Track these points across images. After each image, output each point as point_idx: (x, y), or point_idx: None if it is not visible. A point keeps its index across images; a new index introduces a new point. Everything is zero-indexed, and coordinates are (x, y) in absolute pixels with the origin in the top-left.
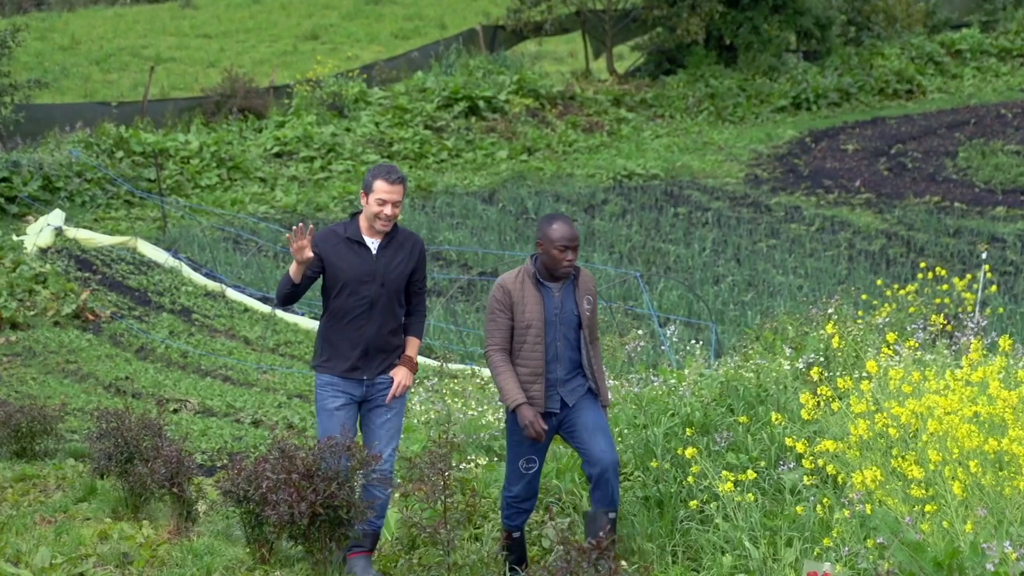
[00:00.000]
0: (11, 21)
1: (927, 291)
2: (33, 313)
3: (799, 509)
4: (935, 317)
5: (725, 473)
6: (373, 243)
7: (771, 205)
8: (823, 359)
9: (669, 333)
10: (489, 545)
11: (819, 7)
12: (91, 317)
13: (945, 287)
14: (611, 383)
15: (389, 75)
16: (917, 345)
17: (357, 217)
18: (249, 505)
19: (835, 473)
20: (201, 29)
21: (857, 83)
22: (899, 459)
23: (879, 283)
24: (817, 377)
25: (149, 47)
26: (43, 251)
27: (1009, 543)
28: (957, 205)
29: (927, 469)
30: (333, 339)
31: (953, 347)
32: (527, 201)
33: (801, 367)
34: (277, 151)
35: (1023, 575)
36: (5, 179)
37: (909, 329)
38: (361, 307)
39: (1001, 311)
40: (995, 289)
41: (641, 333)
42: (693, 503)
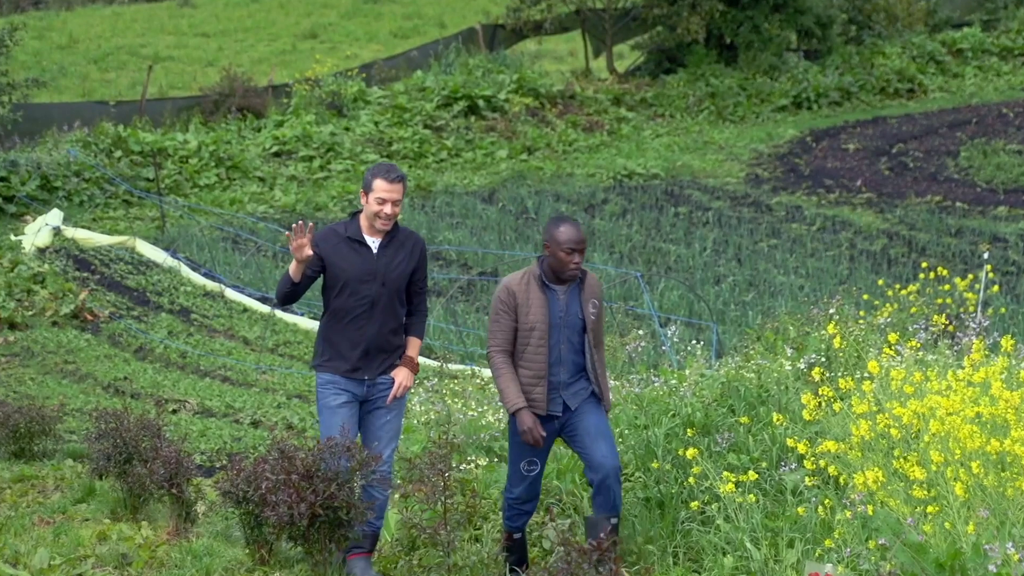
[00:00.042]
0: (9, 20)
1: (929, 291)
2: (31, 313)
3: (801, 510)
4: (937, 317)
5: (726, 474)
6: (374, 242)
7: (772, 205)
8: (824, 359)
9: (670, 333)
10: (489, 546)
11: (820, 6)
12: (89, 317)
13: (947, 287)
14: (612, 383)
15: (388, 74)
16: (919, 345)
17: (357, 216)
18: (248, 506)
19: (837, 474)
20: (199, 28)
21: (858, 82)
22: (901, 460)
23: (880, 283)
24: (818, 377)
25: (147, 46)
26: (41, 251)
27: (1011, 544)
28: (959, 205)
29: (929, 470)
30: (334, 339)
31: (955, 347)
32: (527, 201)
33: (802, 367)
34: (276, 150)
35: None
36: (3, 179)
37: (911, 329)
38: (362, 307)
39: (1003, 311)
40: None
41: (642, 333)
42: (694, 504)
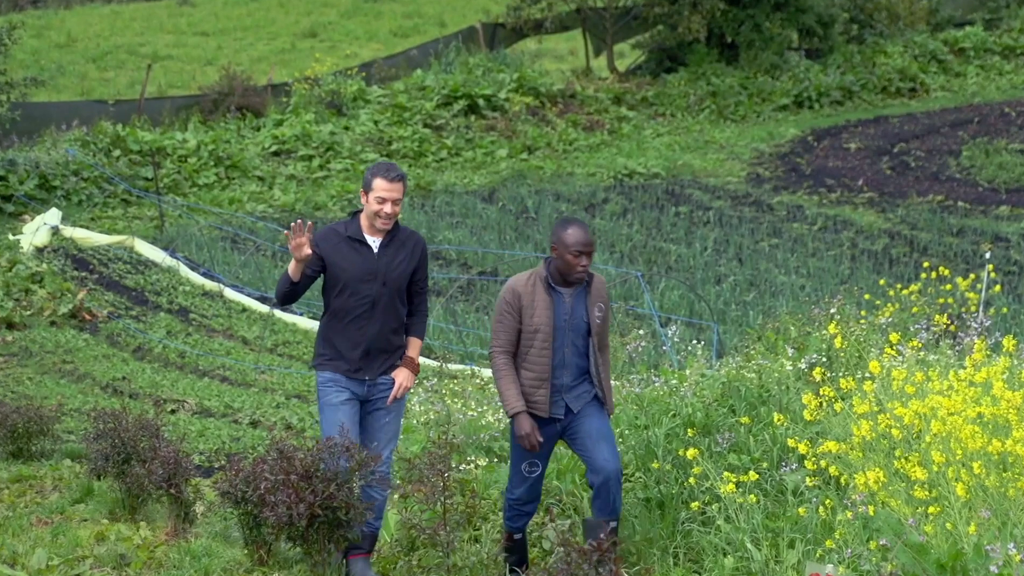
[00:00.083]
0: (7, 18)
1: (930, 291)
2: (29, 313)
3: (801, 511)
4: (938, 317)
5: (727, 474)
6: (375, 242)
7: (773, 204)
8: (826, 359)
9: (670, 333)
10: (489, 547)
11: (821, 5)
12: (88, 317)
13: (948, 287)
14: (613, 384)
15: (388, 73)
16: (920, 345)
17: (358, 216)
18: (247, 506)
19: (838, 474)
20: (198, 27)
21: (860, 81)
22: (902, 460)
23: (882, 283)
24: (820, 377)
25: (146, 45)
26: (39, 250)
27: (1013, 545)
28: (961, 204)
29: (930, 470)
30: (334, 339)
31: (957, 347)
32: (527, 200)
33: (803, 367)
34: (275, 150)
35: None
36: (1, 178)
37: (912, 329)
38: (363, 307)
39: (1005, 311)
40: (999, 289)
41: (642, 333)
42: (695, 504)
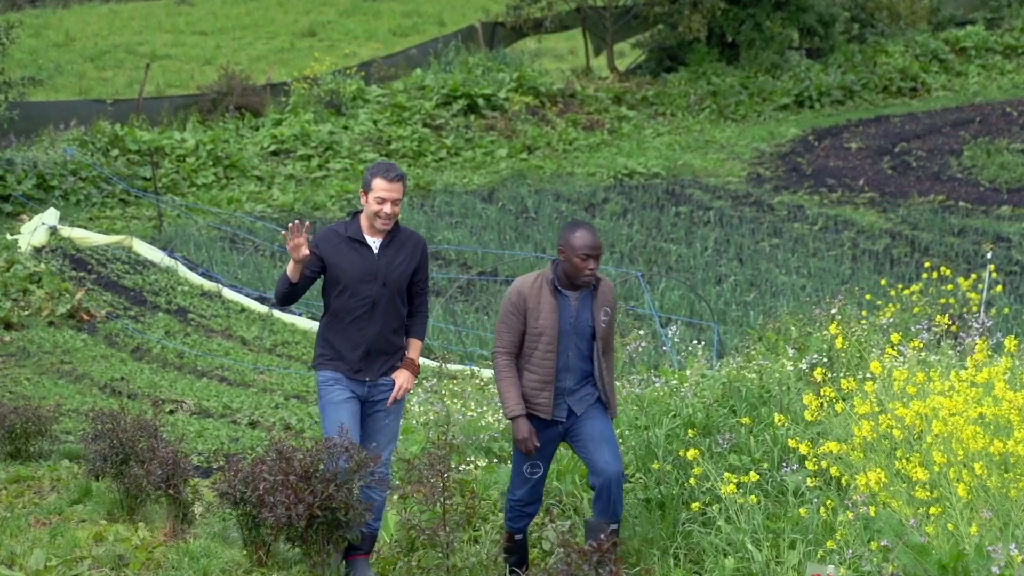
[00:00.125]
0: (5, 18)
1: (931, 291)
2: (27, 313)
3: (802, 511)
4: (940, 317)
5: (727, 475)
6: (375, 242)
7: (774, 204)
8: (826, 360)
9: (671, 333)
10: (488, 547)
11: (822, 4)
12: (86, 317)
13: (950, 287)
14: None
15: (387, 72)
16: (921, 346)
17: (358, 216)
18: (246, 507)
19: (839, 475)
20: (197, 26)
21: (860, 81)
22: (903, 461)
23: (883, 283)
24: (820, 378)
25: (144, 44)
26: (37, 250)
27: (1015, 545)
28: (962, 204)
29: (932, 471)
30: (334, 340)
31: (958, 348)
32: (527, 200)
33: (804, 368)
34: (274, 149)
35: None
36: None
37: (913, 329)
38: (363, 307)
39: (1006, 311)
40: (1000, 289)
41: (642, 333)
42: (695, 505)
